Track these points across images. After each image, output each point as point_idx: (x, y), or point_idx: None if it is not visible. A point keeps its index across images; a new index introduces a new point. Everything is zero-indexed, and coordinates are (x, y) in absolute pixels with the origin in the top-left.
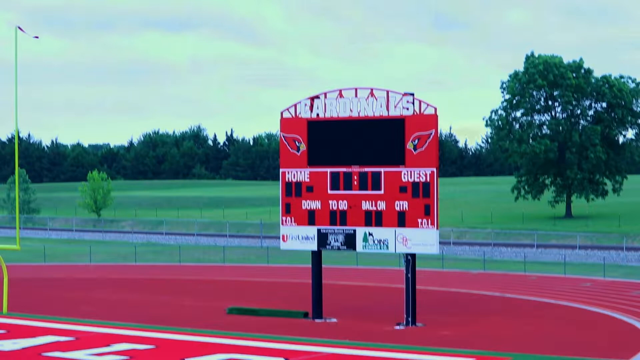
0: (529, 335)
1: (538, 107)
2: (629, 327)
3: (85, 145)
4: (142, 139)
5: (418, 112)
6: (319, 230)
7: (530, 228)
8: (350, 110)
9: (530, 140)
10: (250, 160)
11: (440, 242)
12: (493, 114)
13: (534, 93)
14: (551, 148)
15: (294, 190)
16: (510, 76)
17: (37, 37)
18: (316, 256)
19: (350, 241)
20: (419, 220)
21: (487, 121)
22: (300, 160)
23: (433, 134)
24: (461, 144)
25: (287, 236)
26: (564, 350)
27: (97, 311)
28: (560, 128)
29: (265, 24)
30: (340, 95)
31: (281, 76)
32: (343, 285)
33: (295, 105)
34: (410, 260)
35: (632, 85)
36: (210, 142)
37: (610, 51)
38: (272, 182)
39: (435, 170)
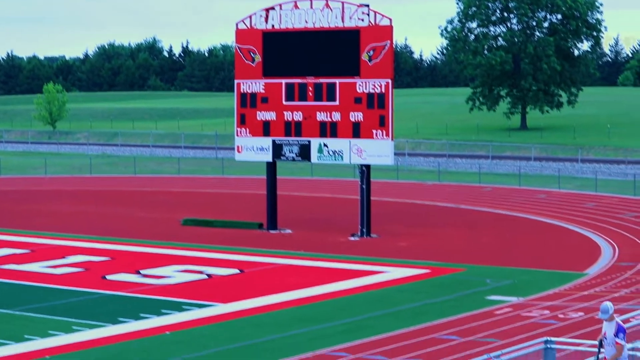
0: (484, 246)
1: (493, 18)
2: (584, 238)
3: (41, 57)
4: (97, 50)
5: (373, 23)
6: (273, 142)
7: (485, 139)
8: (306, 21)
9: (486, 52)
10: (205, 71)
11: (395, 153)
12: (448, 24)
13: (489, 4)
14: (506, 60)
15: (248, 101)
16: None
17: None
18: (271, 167)
19: (305, 152)
20: (374, 132)
21: (442, 31)
22: (255, 72)
23: (388, 45)
24: (416, 55)
25: (241, 147)
26: (519, 262)
27: (52, 223)
28: (516, 40)
29: None
30: (296, 6)
31: None
32: (298, 196)
33: (250, 17)
34: (365, 171)
35: None
36: (165, 54)
37: None
38: (227, 93)
39: (390, 81)
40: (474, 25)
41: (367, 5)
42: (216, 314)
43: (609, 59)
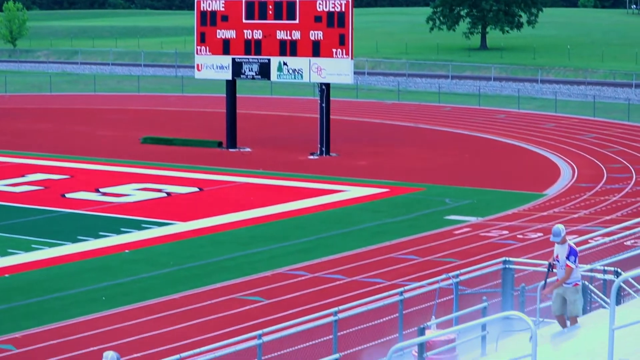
0: (443, 166)
1: None
2: (543, 159)
3: None
4: None
5: None
6: (233, 60)
7: (444, 59)
8: None
9: None
10: None
11: (354, 72)
12: None
13: None
14: None
15: (208, 19)
16: None
17: None
18: (231, 85)
19: (264, 70)
20: (334, 50)
21: None
22: None
23: None
24: None
25: (201, 65)
26: (478, 182)
27: (11, 141)
28: None
29: None
30: None
31: None
32: (257, 114)
33: None
34: (325, 90)
35: None
36: None
37: None
38: (187, 11)
39: (350, 0)
40: None
41: None
42: (175, 232)
43: None
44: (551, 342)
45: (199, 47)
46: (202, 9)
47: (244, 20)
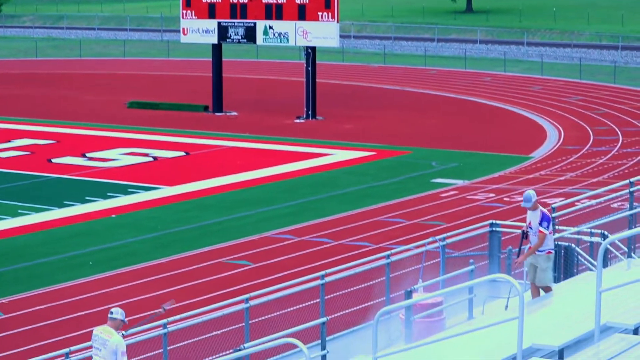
0: (430, 129)
1: None
2: (529, 122)
3: None
4: None
5: None
6: (219, 24)
7: (430, 22)
8: None
9: None
10: None
11: (340, 36)
12: None
13: None
14: None
15: None
16: None
17: None
18: (216, 49)
19: (250, 34)
20: (319, 14)
21: None
22: None
23: None
24: None
25: (187, 29)
26: (464, 145)
27: None
28: None
29: None
30: None
31: None
32: (243, 78)
33: None
34: (311, 53)
35: None
36: None
37: None
38: None
39: None
40: None
41: None
42: (162, 197)
43: None
44: (538, 305)
45: (184, 11)
46: None
47: None
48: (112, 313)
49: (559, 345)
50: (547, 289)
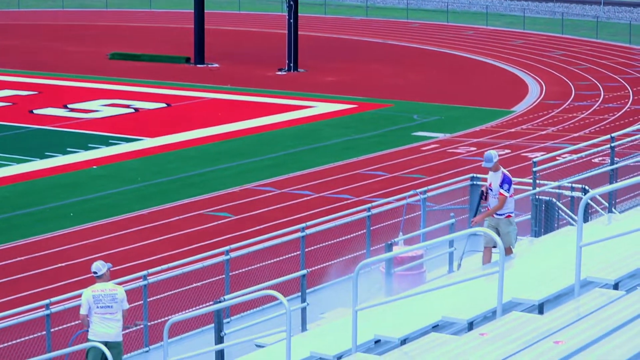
0: (411, 82)
1: None
2: (511, 76)
3: None
4: None
5: None
6: None
7: None
8: None
9: None
10: None
11: None
12: None
13: None
14: None
15: None
16: None
17: None
18: (199, 1)
19: None
20: None
21: None
22: None
23: None
24: None
25: None
26: (446, 99)
27: None
28: None
29: None
30: None
31: None
32: (225, 30)
33: None
34: (293, 5)
35: None
36: None
37: None
38: None
39: None
40: None
41: None
42: (143, 148)
43: None
44: (519, 259)
45: None
46: None
47: None
48: (99, 270)
49: (539, 299)
50: (509, 250)
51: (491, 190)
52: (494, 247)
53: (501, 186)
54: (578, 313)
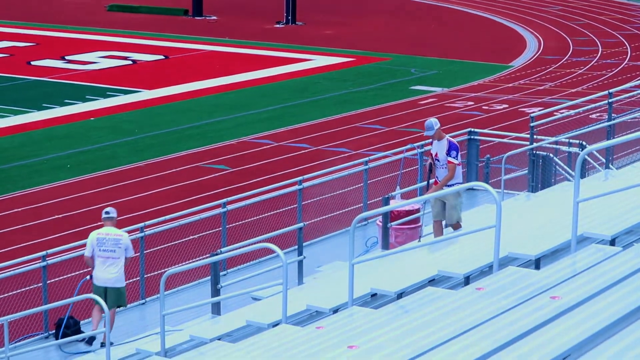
0: (409, 36)
1: None
2: (509, 31)
3: None
4: None
5: None
6: None
7: None
8: None
9: None
10: None
11: None
12: None
13: None
14: None
15: None
16: None
17: None
18: None
19: None
20: None
21: None
22: None
23: None
24: None
25: None
26: (444, 53)
27: None
28: None
29: None
30: None
31: None
32: None
33: None
34: None
35: None
36: None
37: None
38: None
39: None
40: None
41: None
42: (140, 100)
43: None
44: (515, 213)
45: None
46: None
47: None
48: (108, 212)
49: (536, 254)
50: (457, 226)
51: (438, 160)
52: (443, 220)
53: (448, 154)
54: (574, 269)
